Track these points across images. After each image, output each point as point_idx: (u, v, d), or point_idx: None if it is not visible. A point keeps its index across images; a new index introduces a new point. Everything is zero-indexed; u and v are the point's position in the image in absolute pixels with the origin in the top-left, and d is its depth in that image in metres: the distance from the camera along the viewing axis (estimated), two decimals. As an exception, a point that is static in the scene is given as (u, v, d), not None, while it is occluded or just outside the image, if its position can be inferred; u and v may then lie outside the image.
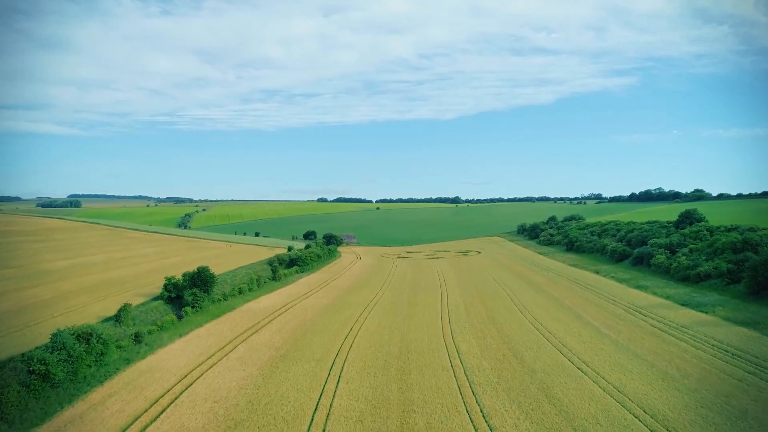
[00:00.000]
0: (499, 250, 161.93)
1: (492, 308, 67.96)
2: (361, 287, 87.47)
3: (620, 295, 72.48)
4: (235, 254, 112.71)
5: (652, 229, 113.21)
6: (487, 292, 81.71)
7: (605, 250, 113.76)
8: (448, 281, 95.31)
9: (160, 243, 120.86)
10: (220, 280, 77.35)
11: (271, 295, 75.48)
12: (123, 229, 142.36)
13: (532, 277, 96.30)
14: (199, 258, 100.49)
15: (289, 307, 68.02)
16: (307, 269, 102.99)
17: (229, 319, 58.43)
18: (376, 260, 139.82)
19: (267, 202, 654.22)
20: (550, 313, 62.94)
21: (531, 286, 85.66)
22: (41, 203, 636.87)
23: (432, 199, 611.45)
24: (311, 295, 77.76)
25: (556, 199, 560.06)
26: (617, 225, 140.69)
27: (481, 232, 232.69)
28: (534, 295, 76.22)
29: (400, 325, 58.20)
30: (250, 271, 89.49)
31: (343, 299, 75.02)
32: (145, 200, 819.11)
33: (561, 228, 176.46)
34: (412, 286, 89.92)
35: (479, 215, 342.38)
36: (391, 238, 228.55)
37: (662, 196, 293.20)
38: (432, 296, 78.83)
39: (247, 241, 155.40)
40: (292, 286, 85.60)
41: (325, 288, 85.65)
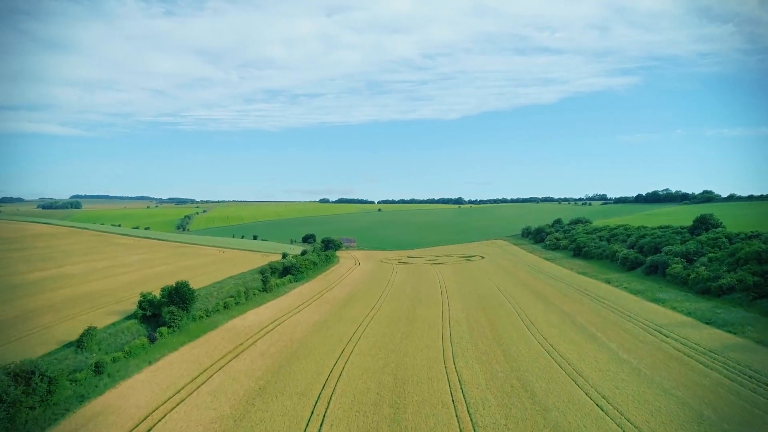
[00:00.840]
0: (503, 254, 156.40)
1: (497, 325, 62.61)
2: (357, 299, 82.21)
3: (636, 310, 66.95)
4: (227, 262, 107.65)
5: (665, 235, 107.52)
6: (491, 304, 76.34)
7: (616, 257, 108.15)
8: (450, 291, 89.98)
9: (149, 250, 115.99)
10: (205, 293, 72.29)
11: (260, 310, 70.25)
12: (112, 234, 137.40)
13: (539, 287, 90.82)
14: (187, 267, 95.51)
15: (277, 323, 62.79)
16: (301, 278, 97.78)
17: (208, 341, 53.22)
18: (376, 266, 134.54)
19: (268, 203, 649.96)
20: (562, 332, 57.52)
21: (539, 298, 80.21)
22: (42, 204, 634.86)
23: (434, 200, 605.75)
24: (303, 309, 72.52)
25: (560, 199, 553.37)
26: (627, 230, 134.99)
27: (485, 235, 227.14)
28: (542, 310, 70.76)
29: (396, 347, 52.94)
30: (240, 281, 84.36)
31: (336, 314, 69.76)
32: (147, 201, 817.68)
33: (567, 232, 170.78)
34: (411, 297, 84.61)
35: (482, 217, 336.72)
36: (393, 241, 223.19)
37: (670, 198, 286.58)
38: (432, 310, 73.51)
39: (242, 246, 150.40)
40: (283, 297, 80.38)
41: (319, 300, 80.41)
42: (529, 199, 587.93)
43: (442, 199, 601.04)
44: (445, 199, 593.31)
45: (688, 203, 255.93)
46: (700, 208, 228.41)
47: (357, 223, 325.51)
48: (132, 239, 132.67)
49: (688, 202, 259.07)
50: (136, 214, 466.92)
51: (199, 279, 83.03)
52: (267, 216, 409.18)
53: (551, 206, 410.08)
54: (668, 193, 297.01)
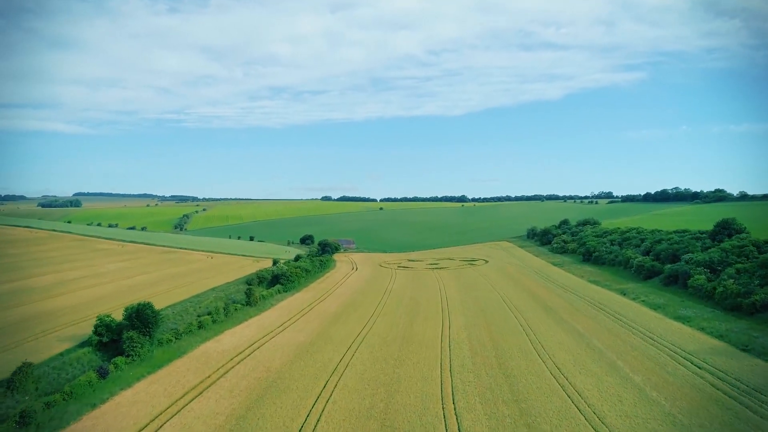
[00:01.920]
0: (508, 258, 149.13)
1: (503, 348, 55.61)
2: (349, 313, 75.33)
3: (659, 330, 59.67)
4: (214, 269, 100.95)
5: (684, 241, 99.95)
6: (495, 319, 69.32)
7: (629, 264, 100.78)
8: (451, 301, 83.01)
9: (131, 256, 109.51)
10: (181, 310, 65.62)
11: (239, 329, 63.41)
12: (95, 239, 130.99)
13: (548, 298, 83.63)
14: (168, 276, 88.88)
15: (256, 347, 55.94)
16: (291, 288, 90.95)
17: (171, 373, 46.39)
18: (374, 271, 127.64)
19: (269, 202, 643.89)
20: (577, 360, 50.41)
21: (548, 313, 73.03)
22: (42, 203, 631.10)
23: (438, 198, 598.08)
24: (288, 327, 65.66)
25: (565, 197, 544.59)
26: (640, 233, 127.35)
27: (489, 236, 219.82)
28: (553, 328, 63.61)
29: (387, 379, 46.05)
30: (223, 294, 77.62)
31: (324, 333, 62.87)
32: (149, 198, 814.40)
33: (575, 234, 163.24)
34: (409, 309, 77.68)
35: (486, 216, 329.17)
36: (393, 242, 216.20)
37: (680, 196, 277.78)
38: (431, 327, 66.55)
39: (234, 250, 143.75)
40: (268, 312, 73.53)
41: (308, 314, 73.54)
42: (533, 197, 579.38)
43: (445, 197, 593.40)
44: (449, 197, 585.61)
45: (699, 203, 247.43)
46: (712, 208, 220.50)
47: (357, 223, 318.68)
48: (116, 244, 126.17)
49: (699, 201, 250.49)
50: (134, 213, 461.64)
51: (177, 292, 76.43)
52: (267, 215, 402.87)
53: (556, 205, 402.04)
54: (678, 191, 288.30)
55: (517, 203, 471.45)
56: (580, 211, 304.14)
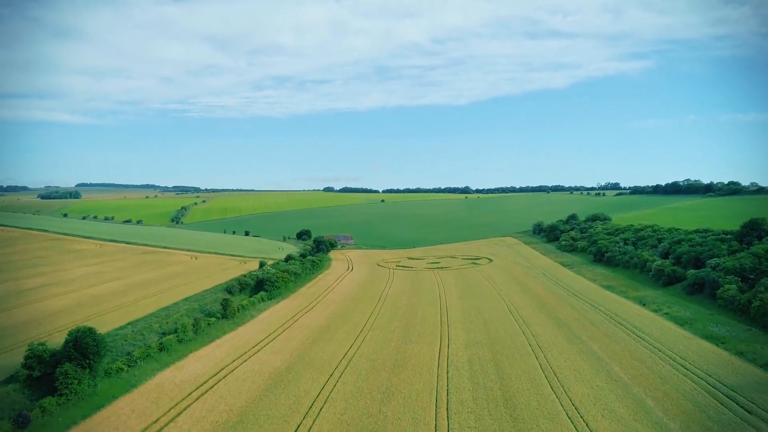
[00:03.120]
0: (514, 257, 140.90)
1: (509, 376, 47.86)
2: (337, 326, 67.62)
3: (691, 354, 51.52)
4: (194, 273, 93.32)
5: (707, 243, 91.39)
6: (500, 336, 61.44)
7: (647, 268, 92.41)
8: (452, 312, 75.18)
9: (107, 258, 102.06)
10: (142, 327, 57.99)
11: (208, 350, 55.74)
12: (72, 238, 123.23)
13: (559, 308, 75.56)
14: (141, 283, 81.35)
15: (222, 375, 48.31)
16: (277, 295, 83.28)
17: (112, 416, 38.80)
18: (370, 272, 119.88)
19: (271, 193, 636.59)
20: (598, 397, 42.47)
21: (560, 327, 65.00)
22: (42, 194, 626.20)
23: (441, 189, 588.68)
24: (265, 346, 57.99)
25: (571, 188, 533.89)
26: (657, 232, 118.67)
27: (493, 231, 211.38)
28: (567, 349, 55.61)
29: (372, 423, 38.52)
30: (196, 305, 70.03)
31: (305, 355, 55.17)
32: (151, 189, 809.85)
33: (584, 231, 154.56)
34: (404, 322, 69.89)
35: (490, 209, 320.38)
36: (393, 238, 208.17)
37: (692, 189, 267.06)
38: (428, 345, 58.79)
39: (222, 248, 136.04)
40: (246, 327, 65.84)
41: (291, 329, 65.86)
42: (538, 188, 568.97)
43: (448, 188, 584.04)
44: (452, 188, 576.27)
45: (713, 195, 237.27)
46: (727, 201, 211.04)
47: (358, 216, 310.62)
48: (94, 244, 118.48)
49: (713, 194, 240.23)
50: (133, 204, 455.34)
51: (146, 303, 68.86)
52: (267, 208, 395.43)
53: (563, 197, 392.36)
54: (690, 184, 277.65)
55: (522, 195, 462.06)
56: (587, 203, 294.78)
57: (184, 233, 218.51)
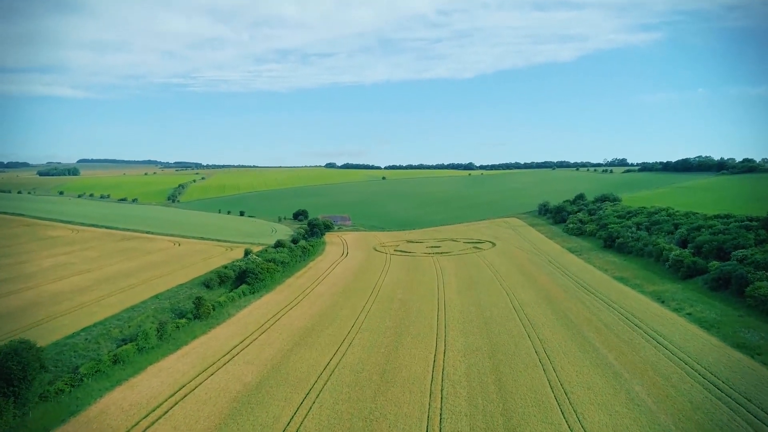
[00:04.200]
0: (518, 240, 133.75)
1: (512, 397, 41.29)
2: (322, 327, 61.05)
3: (723, 369, 44.63)
4: (172, 263, 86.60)
5: (731, 230, 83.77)
6: (503, 340, 54.83)
7: (663, 257, 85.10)
8: (450, 309, 68.55)
9: (81, 246, 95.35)
10: (98, 334, 51.43)
11: (172, 360, 49.22)
12: (50, 223, 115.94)
13: (568, 305, 68.67)
14: (112, 276, 74.73)
15: (181, 395, 41.83)
16: (260, 288, 76.68)
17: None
18: (366, 258, 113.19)
19: (273, 169, 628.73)
20: (618, 429, 35.76)
21: (569, 329, 58.18)
22: (41, 171, 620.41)
23: (444, 166, 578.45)
24: (237, 354, 51.48)
25: (577, 164, 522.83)
26: (672, 216, 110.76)
27: (496, 210, 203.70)
28: (579, 359, 48.85)
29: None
30: (167, 303, 63.44)
31: (281, 366, 48.64)
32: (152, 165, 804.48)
33: (593, 212, 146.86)
34: (397, 322, 63.28)
35: (494, 187, 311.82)
36: (393, 218, 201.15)
37: (704, 166, 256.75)
38: (421, 352, 52.30)
39: (210, 232, 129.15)
40: (220, 329, 59.27)
41: (270, 331, 59.31)
42: (543, 164, 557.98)
43: (451, 165, 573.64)
44: (455, 165, 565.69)
45: (727, 173, 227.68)
46: (742, 180, 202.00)
47: (358, 194, 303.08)
48: (71, 229, 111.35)
49: (726, 172, 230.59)
50: (131, 182, 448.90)
51: (110, 301, 62.27)
52: (266, 185, 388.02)
53: (569, 174, 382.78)
54: (701, 161, 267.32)
55: (526, 172, 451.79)
56: (594, 181, 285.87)
57: (175, 214, 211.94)
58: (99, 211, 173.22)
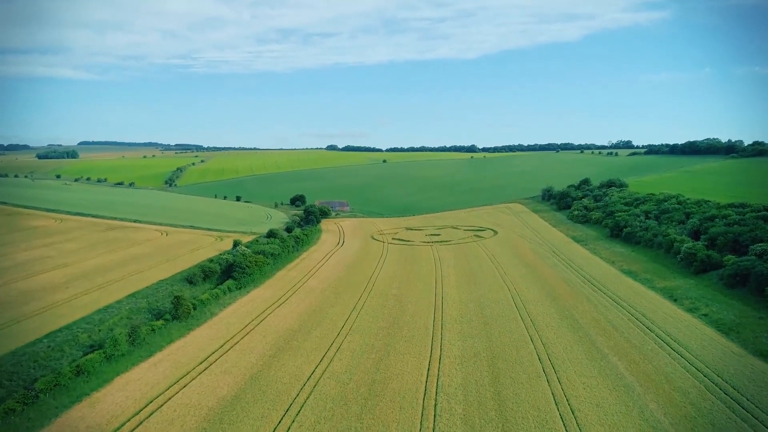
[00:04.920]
0: (521, 228, 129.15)
1: (513, 416, 37.52)
2: (310, 329, 57.01)
3: (746, 382, 40.41)
4: (157, 256, 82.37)
5: (747, 221, 78.90)
6: (504, 345, 50.75)
7: (674, 249, 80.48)
8: (447, 307, 64.44)
9: (62, 237, 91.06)
10: (64, 341, 47.41)
11: (142, 369, 45.21)
12: (33, 211, 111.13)
13: (574, 304, 64.40)
14: (89, 271, 70.57)
15: (144, 415, 37.86)
16: (248, 283, 72.55)
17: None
18: (362, 248, 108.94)
19: (273, 152, 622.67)
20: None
21: (576, 333, 53.98)
22: (40, 154, 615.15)
23: (446, 148, 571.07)
24: (214, 361, 47.47)
25: (581, 146, 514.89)
26: (683, 204, 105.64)
27: (499, 195, 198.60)
28: (587, 369, 44.73)
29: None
30: (145, 302, 59.32)
31: (261, 375, 44.63)
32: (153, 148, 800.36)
33: (599, 199, 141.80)
34: (390, 321, 59.23)
35: (496, 170, 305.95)
36: (393, 203, 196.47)
37: (712, 149, 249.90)
38: (414, 358, 48.31)
39: (201, 221, 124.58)
40: (200, 331, 55.22)
41: (253, 333, 55.25)
42: (547, 146, 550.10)
43: (454, 147, 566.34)
44: (458, 147, 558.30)
45: (736, 157, 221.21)
46: (753, 164, 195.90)
47: (358, 178, 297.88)
48: (54, 219, 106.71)
49: (736, 155, 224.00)
50: (130, 165, 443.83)
51: (83, 301, 58.17)
52: (265, 168, 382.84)
53: (573, 156, 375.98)
54: (710, 143, 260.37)
55: (530, 154, 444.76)
56: (599, 165, 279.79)
57: (169, 200, 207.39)
58: (90, 197, 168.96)
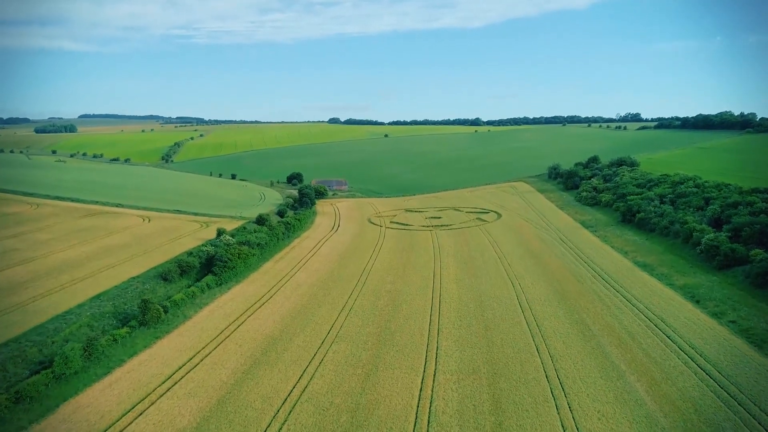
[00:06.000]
0: (526, 210, 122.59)
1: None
2: (293, 334, 51.55)
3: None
4: (134, 246, 76.56)
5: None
6: (506, 358, 45.20)
7: (692, 239, 74.14)
8: (446, 307, 58.85)
9: (36, 225, 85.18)
10: (6, 357, 41.96)
11: (93, 393, 39.84)
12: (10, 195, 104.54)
13: (585, 306, 58.55)
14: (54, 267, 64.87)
15: (89, 453, 32.54)
16: (230, 278, 66.97)
17: None
18: (357, 234, 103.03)
19: (273, 126, 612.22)
20: None
21: (589, 342, 48.25)
22: (38, 128, 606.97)
23: (449, 121, 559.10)
24: (179, 382, 42.03)
25: (588, 119, 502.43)
26: (701, 188, 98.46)
27: (503, 173, 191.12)
28: (602, 393, 39.12)
29: None
30: (110, 305, 53.78)
31: (230, 398, 39.24)
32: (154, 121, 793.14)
33: (609, 179, 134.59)
34: (382, 326, 53.69)
35: (501, 146, 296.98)
36: (393, 181, 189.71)
37: (726, 124, 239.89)
38: (406, 374, 42.90)
39: (189, 202, 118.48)
40: (168, 339, 49.76)
41: (228, 342, 49.78)
42: (553, 119, 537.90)
43: (457, 120, 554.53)
44: (461, 120, 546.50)
45: (752, 132, 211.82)
46: None
47: (358, 153, 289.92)
48: (30, 203, 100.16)
49: (751, 130, 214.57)
50: (128, 139, 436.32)
51: (38, 306, 52.50)
52: (264, 143, 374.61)
53: (580, 130, 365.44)
54: (723, 117, 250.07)
55: (535, 128, 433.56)
56: (608, 139, 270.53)
57: (161, 178, 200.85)
58: (77, 176, 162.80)
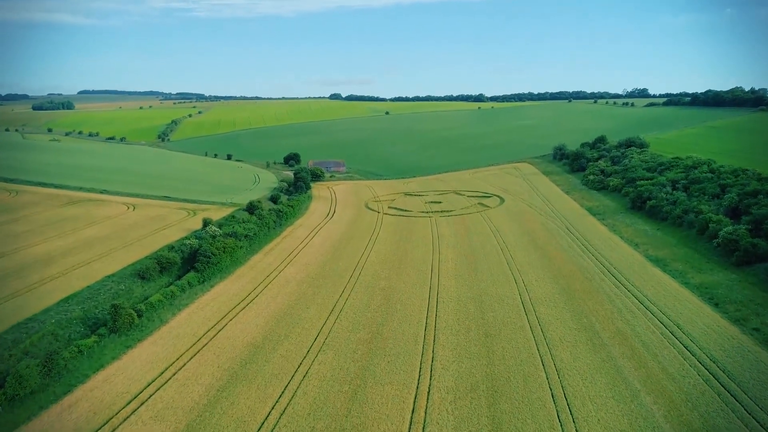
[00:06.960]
0: (530, 195, 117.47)
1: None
2: (276, 341, 47.56)
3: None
4: (114, 240, 72.11)
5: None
6: (509, 373, 41.29)
7: (708, 231, 69.38)
8: (443, 307, 54.79)
9: (12, 215, 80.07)
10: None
11: (48, 417, 36.06)
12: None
13: (595, 308, 54.27)
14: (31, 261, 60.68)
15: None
16: (213, 275, 62.80)
17: None
18: (353, 221, 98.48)
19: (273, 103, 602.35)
20: None
21: (598, 353, 44.11)
22: (36, 105, 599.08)
23: (453, 97, 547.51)
24: (146, 402, 38.13)
25: (594, 95, 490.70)
26: (716, 173, 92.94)
27: (507, 153, 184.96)
28: (615, 416, 35.28)
29: None
30: (79, 309, 49.65)
31: (200, 423, 35.34)
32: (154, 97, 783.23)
33: (617, 161, 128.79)
34: (373, 331, 49.66)
35: (505, 124, 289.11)
36: (393, 162, 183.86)
37: (738, 101, 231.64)
38: (397, 391, 39.23)
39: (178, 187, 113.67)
40: (140, 349, 45.72)
41: (204, 352, 45.77)
42: (558, 95, 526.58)
43: (461, 96, 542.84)
44: (464, 96, 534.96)
45: (765, 109, 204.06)
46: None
47: (358, 132, 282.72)
48: (10, 191, 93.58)
49: (765, 107, 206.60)
50: (125, 117, 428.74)
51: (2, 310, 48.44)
52: (263, 121, 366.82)
53: (586, 107, 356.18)
54: (735, 94, 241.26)
55: (540, 104, 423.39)
56: (615, 117, 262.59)
57: (154, 159, 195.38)
58: (66, 159, 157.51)
